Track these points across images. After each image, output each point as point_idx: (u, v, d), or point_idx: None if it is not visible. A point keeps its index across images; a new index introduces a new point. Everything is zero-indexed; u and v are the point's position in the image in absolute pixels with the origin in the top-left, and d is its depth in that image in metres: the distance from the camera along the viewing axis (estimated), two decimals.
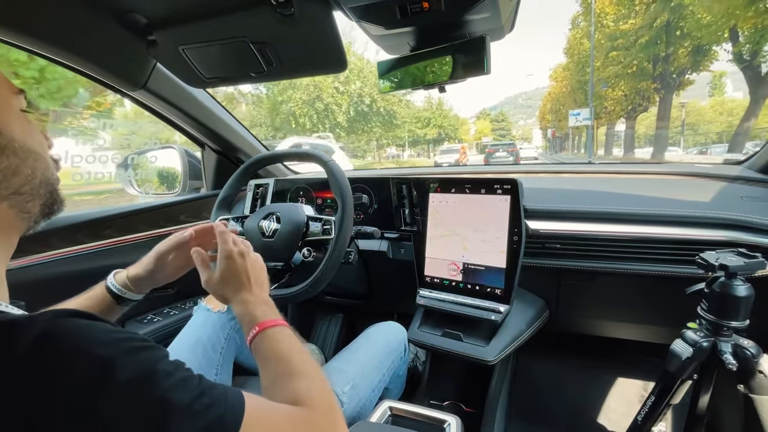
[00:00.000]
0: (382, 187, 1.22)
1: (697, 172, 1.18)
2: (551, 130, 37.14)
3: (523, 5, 0.77)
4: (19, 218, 0.42)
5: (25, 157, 0.40)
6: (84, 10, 0.81)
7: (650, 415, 0.80)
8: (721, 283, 0.70)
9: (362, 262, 1.28)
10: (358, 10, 0.71)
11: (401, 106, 23.19)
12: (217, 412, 0.35)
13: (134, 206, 1.23)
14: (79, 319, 0.33)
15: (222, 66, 0.90)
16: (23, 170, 0.40)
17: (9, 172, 0.39)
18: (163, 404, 0.32)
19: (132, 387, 0.31)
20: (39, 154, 0.43)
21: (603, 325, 1.18)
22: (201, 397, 0.35)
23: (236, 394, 0.39)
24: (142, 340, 0.35)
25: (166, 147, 1.59)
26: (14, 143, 0.39)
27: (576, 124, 20.33)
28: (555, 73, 37.58)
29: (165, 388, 0.33)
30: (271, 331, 0.57)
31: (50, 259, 1.00)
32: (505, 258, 0.96)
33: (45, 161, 0.44)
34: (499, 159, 17.84)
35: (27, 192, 0.41)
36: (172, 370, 0.35)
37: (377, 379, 0.91)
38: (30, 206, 0.42)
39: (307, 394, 0.48)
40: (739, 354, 0.70)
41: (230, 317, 1.00)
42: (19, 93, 0.43)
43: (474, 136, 73.61)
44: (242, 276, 0.65)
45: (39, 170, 0.42)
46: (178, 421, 0.32)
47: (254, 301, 0.62)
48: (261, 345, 0.56)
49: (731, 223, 0.86)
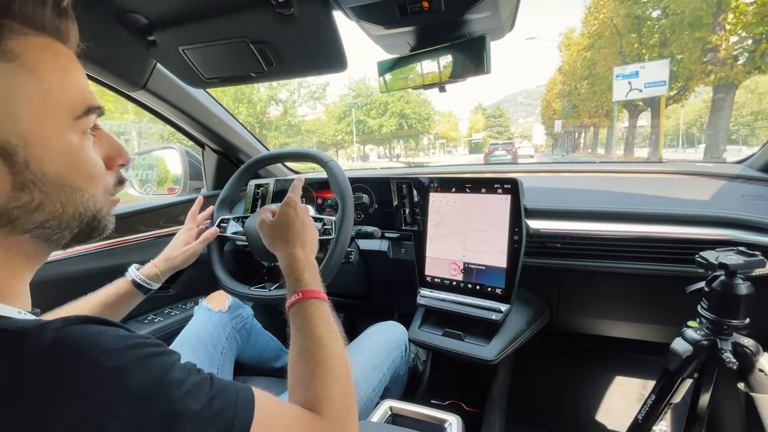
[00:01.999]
0: (382, 186, 1.22)
1: (697, 171, 1.18)
2: (561, 122, 26.35)
3: (523, 4, 0.77)
4: (44, 245, 0.39)
5: (54, 193, 0.36)
6: (84, 11, 0.80)
7: (651, 414, 0.80)
8: (721, 282, 0.70)
9: (363, 261, 1.28)
10: (357, 10, 0.71)
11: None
12: (227, 417, 0.35)
13: (134, 207, 1.23)
14: (90, 326, 0.32)
15: (222, 66, 0.90)
16: (48, 206, 0.36)
17: (30, 209, 0.35)
18: (175, 414, 0.32)
19: (143, 397, 0.31)
20: (78, 188, 0.38)
21: (603, 324, 1.18)
22: (212, 403, 0.35)
23: (247, 395, 0.38)
24: (154, 345, 0.35)
25: (167, 147, 1.59)
26: (44, 178, 0.35)
27: (633, 95, 11.82)
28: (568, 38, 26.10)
29: (176, 398, 0.32)
30: (313, 304, 0.56)
31: (50, 259, 1.00)
32: (505, 257, 0.96)
33: (85, 195, 0.38)
34: (498, 158, 18.14)
35: (54, 226, 0.37)
36: (184, 376, 0.34)
37: (378, 379, 0.91)
38: (57, 237, 0.38)
39: (325, 398, 0.47)
40: (739, 352, 0.70)
41: (231, 317, 1.00)
42: (85, 114, 0.38)
43: (465, 133, 64.50)
44: (300, 230, 0.64)
45: (72, 206, 0.38)
46: (189, 428, 0.32)
47: (304, 260, 0.61)
48: (300, 314, 0.55)
49: (732, 221, 0.86)
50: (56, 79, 0.36)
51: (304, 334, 0.53)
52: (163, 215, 1.30)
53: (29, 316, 0.36)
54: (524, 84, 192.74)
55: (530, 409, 1.30)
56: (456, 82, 0.81)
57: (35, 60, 0.34)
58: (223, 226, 1.02)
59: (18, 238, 0.36)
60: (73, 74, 0.38)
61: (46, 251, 0.40)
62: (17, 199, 0.34)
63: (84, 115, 0.38)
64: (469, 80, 0.80)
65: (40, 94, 0.34)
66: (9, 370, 0.29)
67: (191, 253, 0.88)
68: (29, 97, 0.34)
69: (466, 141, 60.60)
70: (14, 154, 0.33)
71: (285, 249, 0.63)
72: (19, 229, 0.35)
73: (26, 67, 0.34)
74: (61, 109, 0.36)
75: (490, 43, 0.75)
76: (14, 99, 0.33)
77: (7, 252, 0.36)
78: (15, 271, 0.37)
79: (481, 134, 62.15)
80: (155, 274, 0.82)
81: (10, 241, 0.36)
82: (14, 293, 0.37)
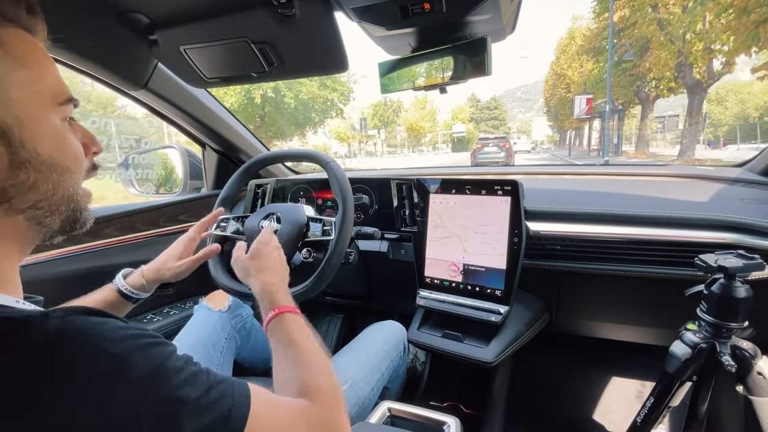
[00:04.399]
0: (382, 187, 1.23)
1: (697, 174, 1.18)
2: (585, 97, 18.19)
3: (524, 5, 0.78)
4: (35, 230, 0.41)
5: (47, 172, 0.39)
6: (86, 10, 0.81)
7: (649, 417, 0.80)
8: (720, 285, 0.70)
9: (362, 262, 1.28)
10: (359, 11, 0.71)
11: None
12: (224, 406, 0.37)
13: (135, 206, 1.24)
14: (92, 317, 0.34)
15: (223, 66, 0.90)
16: (42, 186, 0.38)
17: (25, 188, 0.37)
18: (174, 400, 0.33)
19: (144, 383, 0.32)
20: (67, 169, 0.41)
21: (603, 327, 1.18)
22: (209, 392, 0.36)
23: (243, 389, 0.40)
24: (153, 336, 0.36)
25: (167, 147, 1.59)
26: (38, 158, 0.38)
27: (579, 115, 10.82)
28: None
29: (175, 384, 0.34)
30: (288, 317, 0.61)
31: (50, 258, 1.00)
32: (505, 259, 0.96)
33: (73, 177, 0.42)
34: (488, 156, 14.26)
35: (45, 207, 0.39)
36: (182, 365, 0.36)
37: (376, 378, 0.91)
38: (48, 221, 0.41)
39: (314, 386, 0.51)
40: (738, 355, 0.70)
41: (231, 316, 1.00)
42: (65, 103, 0.41)
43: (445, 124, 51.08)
44: (273, 261, 0.71)
45: (62, 186, 0.40)
46: (188, 415, 0.34)
47: (277, 284, 0.67)
48: (276, 328, 0.60)
49: (731, 225, 0.86)
50: (38, 68, 0.39)
51: (285, 343, 0.57)
52: (163, 215, 1.30)
53: (28, 305, 0.37)
54: (523, 80, 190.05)
55: (529, 412, 1.30)
56: (457, 83, 0.81)
57: (19, 49, 0.37)
58: (223, 226, 1.02)
59: (12, 221, 0.38)
60: (51, 65, 0.41)
61: (35, 238, 0.42)
62: (14, 177, 0.36)
63: (65, 103, 0.41)
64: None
65: (28, 80, 0.37)
66: (15, 357, 0.30)
67: (185, 269, 0.80)
68: (19, 81, 0.37)
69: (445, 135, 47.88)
70: (11, 134, 0.35)
71: (258, 277, 0.69)
72: (15, 209, 0.37)
73: (12, 54, 0.37)
74: (47, 94, 0.39)
75: (491, 45, 0.75)
76: (6, 83, 0.36)
77: (1, 238, 0.38)
78: (7, 258, 0.39)
79: (464, 126, 47.68)
80: (141, 284, 0.75)
81: (4, 223, 0.38)
82: (7, 282, 0.39)
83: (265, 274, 0.69)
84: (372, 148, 41.35)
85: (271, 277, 0.68)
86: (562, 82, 26.73)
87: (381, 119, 39.63)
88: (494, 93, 60.84)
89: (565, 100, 26.62)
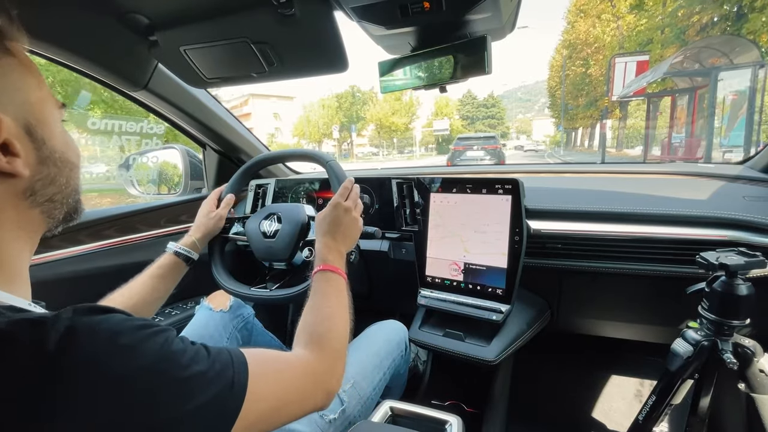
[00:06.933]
0: (383, 187, 1.22)
1: (699, 172, 1.18)
2: (637, 60, 11.98)
3: (524, 5, 0.77)
4: (45, 223, 0.44)
5: (63, 167, 0.43)
6: (86, 11, 0.81)
7: (651, 415, 0.80)
8: (721, 283, 0.70)
9: (363, 262, 1.28)
10: (358, 10, 0.71)
11: None
12: (227, 375, 0.40)
13: (135, 207, 1.24)
14: (97, 315, 0.36)
15: (223, 66, 0.90)
16: (59, 179, 0.43)
17: (47, 181, 0.42)
18: (185, 378, 0.36)
19: (154, 368, 0.35)
20: (74, 164, 0.46)
21: (604, 325, 1.18)
22: (213, 365, 0.39)
23: (240, 356, 0.43)
24: (155, 325, 0.39)
25: (168, 147, 1.59)
26: (55, 154, 0.42)
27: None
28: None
29: (184, 364, 0.37)
30: (331, 276, 0.68)
31: (51, 260, 1.00)
32: (506, 258, 0.96)
33: (78, 171, 0.46)
34: (470, 163, 10.32)
35: (59, 200, 0.44)
36: (184, 346, 0.39)
37: (378, 378, 0.91)
38: (57, 213, 0.44)
39: (323, 337, 0.57)
40: (740, 353, 0.70)
41: (232, 317, 1.00)
42: (61, 107, 0.45)
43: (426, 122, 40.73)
44: (336, 226, 0.77)
45: (73, 179, 0.45)
46: (199, 389, 0.37)
47: (333, 247, 0.74)
48: (318, 281, 0.68)
49: (733, 222, 0.86)
50: (40, 76, 0.43)
51: (318, 295, 0.65)
52: (164, 215, 1.30)
53: (39, 308, 0.40)
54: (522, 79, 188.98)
55: (531, 410, 1.30)
56: (457, 82, 0.81)
57: (25, 58, 0.42)
58: (227, 227, 1.03)
59: (31, 214, 0.42)
60: (41, 75, 0.44)
61: (41, 231, 0.45)
62: (40, 172, 0.41)
63: (62, 106, 0.46)
64: None
65: (37, 85, 0.42)
66: (31, 355, 0.31)
67: (219, 218, 0.99)
68: (31, 86, 0.41)
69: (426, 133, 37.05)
70: (35, 132, 0.40)
71: (321, 239, 0.76)
72: (36, 202, 0.41)
73: (23, 63, 0.41)
74: (50, 98, 0.44)
75: (491, 44, 0.75)
76: (24, 87, 0.40)
77: (19, 230, 0.41)
78: (21, 253, 0.42)
79: (448, 122, 35.37)
80: (192, 242, 0.91)
81: (24, 216, 0.41)
82: (19, 277, 0.41)
83: (327, 237, 0.75)
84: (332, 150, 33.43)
85: (331, 240, 0.75)
86: (578, 55, 18.68)
87: (347, 114, 33.87)
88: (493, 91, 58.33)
89: (582, 79, 18.77)
